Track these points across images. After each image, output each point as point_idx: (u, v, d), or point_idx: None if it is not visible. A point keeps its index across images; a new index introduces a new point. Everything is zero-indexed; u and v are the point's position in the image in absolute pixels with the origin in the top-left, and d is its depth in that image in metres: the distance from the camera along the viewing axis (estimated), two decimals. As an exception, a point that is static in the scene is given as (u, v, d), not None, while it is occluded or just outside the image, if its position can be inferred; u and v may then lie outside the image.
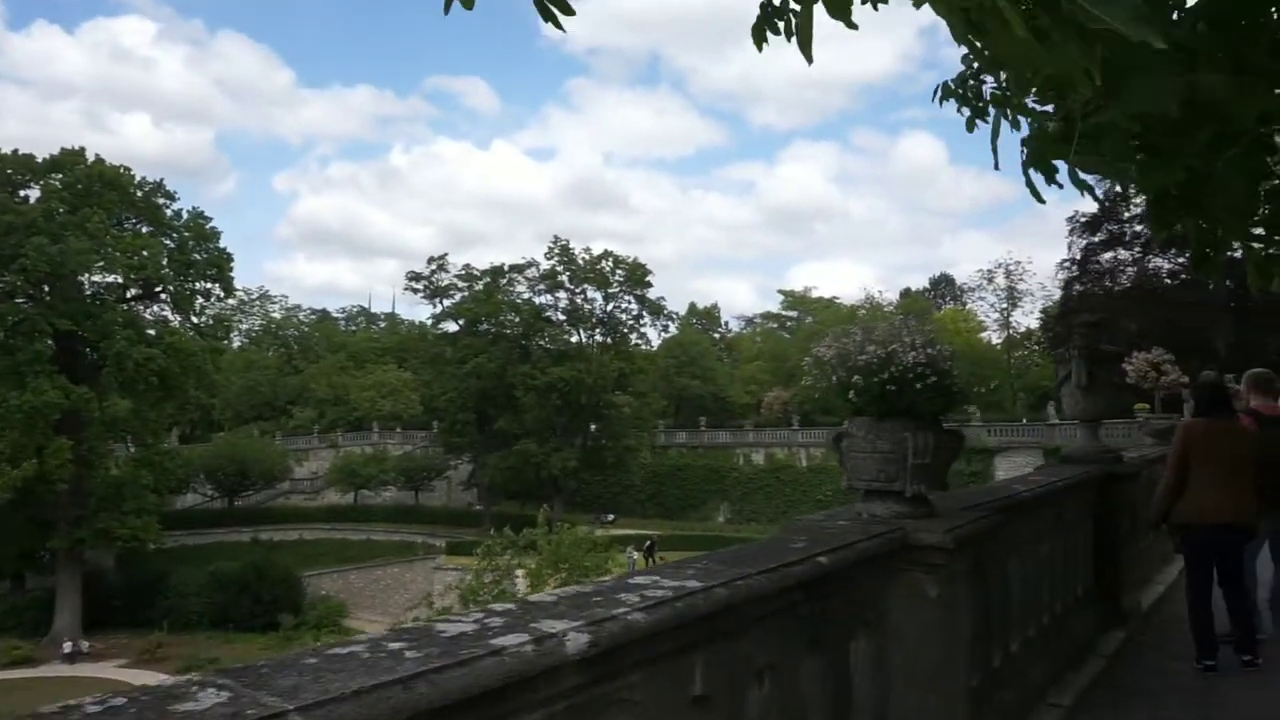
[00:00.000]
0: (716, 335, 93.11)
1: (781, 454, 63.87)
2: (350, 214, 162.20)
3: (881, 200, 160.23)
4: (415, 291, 62.94)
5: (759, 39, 2.85)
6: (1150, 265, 54.80)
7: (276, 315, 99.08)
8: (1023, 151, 2.59)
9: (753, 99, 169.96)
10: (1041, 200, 2.51)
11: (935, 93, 2.29)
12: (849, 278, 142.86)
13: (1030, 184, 2.52)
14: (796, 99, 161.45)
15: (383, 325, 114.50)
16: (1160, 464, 9.06)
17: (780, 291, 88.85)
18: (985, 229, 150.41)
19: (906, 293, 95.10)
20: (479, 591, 25.81)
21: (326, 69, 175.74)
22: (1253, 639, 6.09)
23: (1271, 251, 5.10)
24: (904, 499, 3.24)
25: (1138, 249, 54.67)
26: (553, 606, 1.93)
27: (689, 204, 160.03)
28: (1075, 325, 6.56)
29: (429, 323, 65.99)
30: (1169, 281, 53.70)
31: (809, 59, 2.21)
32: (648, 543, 45.93)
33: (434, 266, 62.71)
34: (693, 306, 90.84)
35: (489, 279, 60.73)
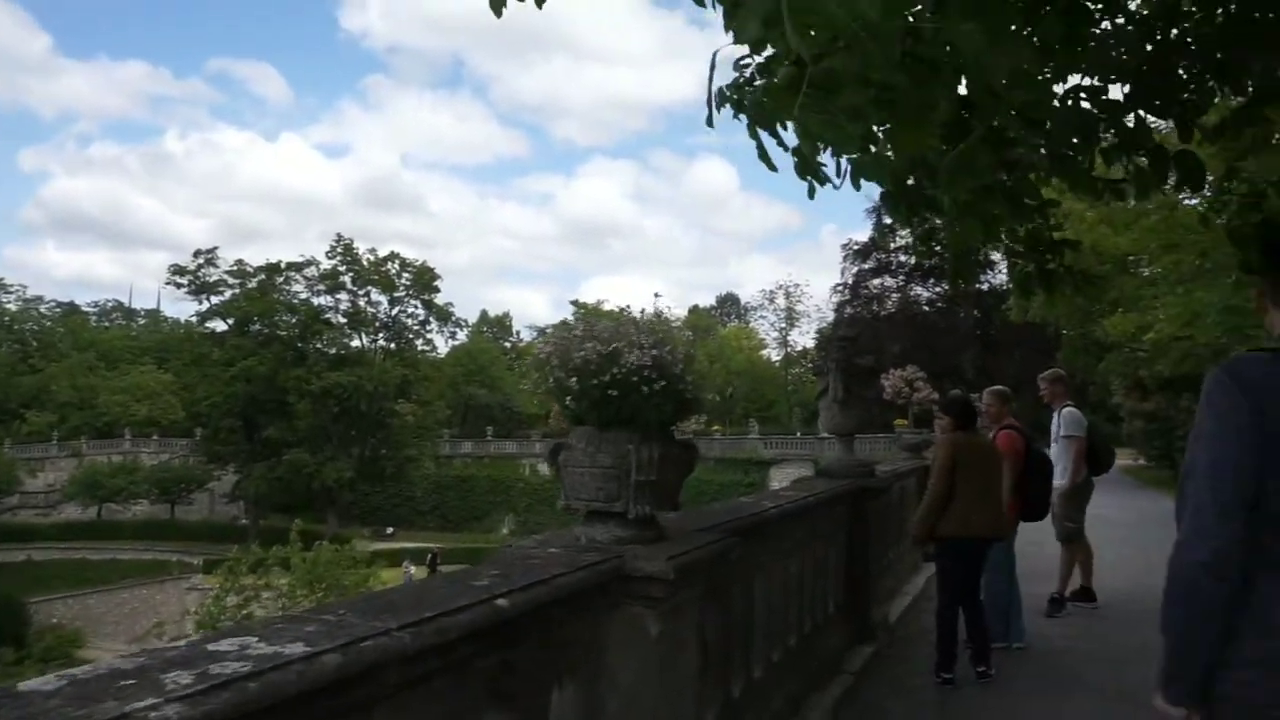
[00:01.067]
0: (508, 344, 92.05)
1: (568, 465, 63.56)
2: (113, 200, 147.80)
3: (675, 220, 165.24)
4: (179, 287, 57.84)
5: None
6: (912, 293, 59.38)
7: (11, 307, 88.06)
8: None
9: (555, 113, 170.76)
10: (773, 168, 2.24)
11: (710, 101, 1.98)
12: (642, 293, 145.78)
13: (761, 150, 2.18)
14: (598, 117, 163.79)
15: (143, 323, 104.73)
16: (910, 477, 9.34)
17: (572, 302, 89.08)
18: (770, 252, 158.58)
19: (694, 309, 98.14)
20: (219, 616, 23.36)
21: (92, 37, 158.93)
22: (988, 650, 6.20)
23: (1030, 269, 5.17)
24: (626, 521, 2.79)
25: (902, 277, 59.15)
26: (46, 698, 1.28)
27: (486, 212, 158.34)
28: (833, 340, 6.50)
29: (194, 321, 60.76)
30: (927, 309, 58.42)
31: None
32: (430, 556, 44.15)
33: (201, 260, 57.91)
34: (484, 315, 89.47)
35: (264, 276, 56.73)
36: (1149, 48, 3.45)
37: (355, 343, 58.70)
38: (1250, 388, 1.88)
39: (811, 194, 2.66)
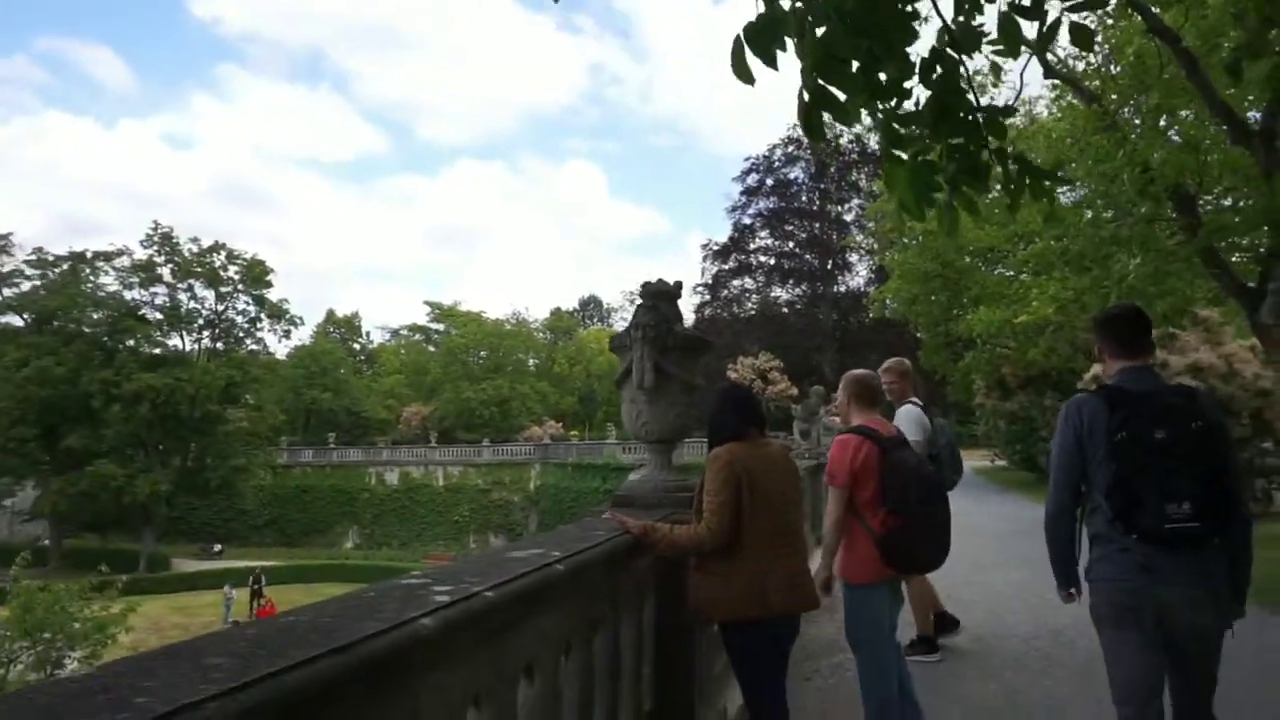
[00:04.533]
0: (357, 346, 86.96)
1: (417, 473, 59.95)
2: None
3: (543, 223, 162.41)
4: (-38, 277, 50.84)
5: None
6: (772, 294, 58.89)
7: None
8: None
9: (419, 111, 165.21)
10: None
11: None
12: (509, 296, 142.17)
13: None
14: (464, 118, 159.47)
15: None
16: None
17: (426, 303, 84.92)
18: (637, 257, 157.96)
19: (556, 311, 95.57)
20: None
21: None
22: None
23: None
24: None
25: (761, 278, 58.55)
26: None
27: (346, 211, 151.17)
28: (640, 299, 4.24)
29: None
30: (785, 310, 57.99)
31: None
32: (252, 578, 39.86)
33: (-8, 248, 51.12)
34: (330, 314, 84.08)
35: (67, 267, 50.57)
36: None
37: (175, 341, 53.13)
38: (1073, 417, 3.52)
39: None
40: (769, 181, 56.75)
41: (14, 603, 19.48)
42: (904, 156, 3.10)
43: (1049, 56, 13.94)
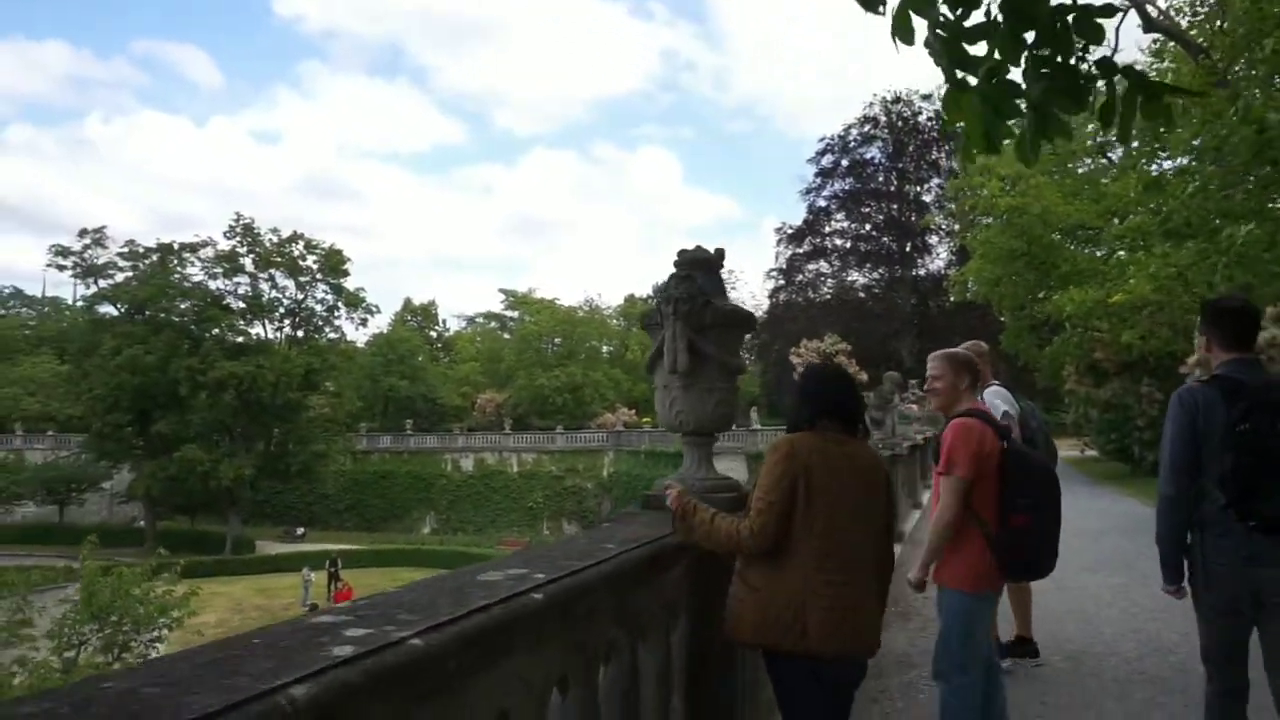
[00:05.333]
0: (434, 334, 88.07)
1: (492, 459, 60.43)
2: (31, 186, 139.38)
3: (617, 211, 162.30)
4: (62, 269, 52.91)
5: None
6: (848, 278, 57.37)
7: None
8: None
9: (495, 102, 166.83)
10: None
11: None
12: (584, 284, 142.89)
13: None
14: (538, 107, 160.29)
15: (45, 310, 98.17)
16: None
17: (501, 290, 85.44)
18: (711, 243, 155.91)
19: (629, 298, 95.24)
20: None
21: (8, 15, 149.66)
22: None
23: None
24: None
25: (837, 262, 57.07)
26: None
27: (426, 201, 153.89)
28: (674, 268, 3.67)
29: (81, 306, 56.00)
30: (862, 295, 56.43)
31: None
32: (328, 562, 40.62)
33: (88, 240, 53.07)
34: (407, 302, 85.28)
35: (156, 258, 52.20)
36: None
37: (257, 330, 54.42)
38: (1189, 405, 3.49)
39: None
40: (844, 162, 55.18)
41: (82, 585, 19.96)
42: (971, 81, 2.45)
43: (1149, 8, 12.82)
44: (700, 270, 3.64)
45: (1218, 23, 12.23)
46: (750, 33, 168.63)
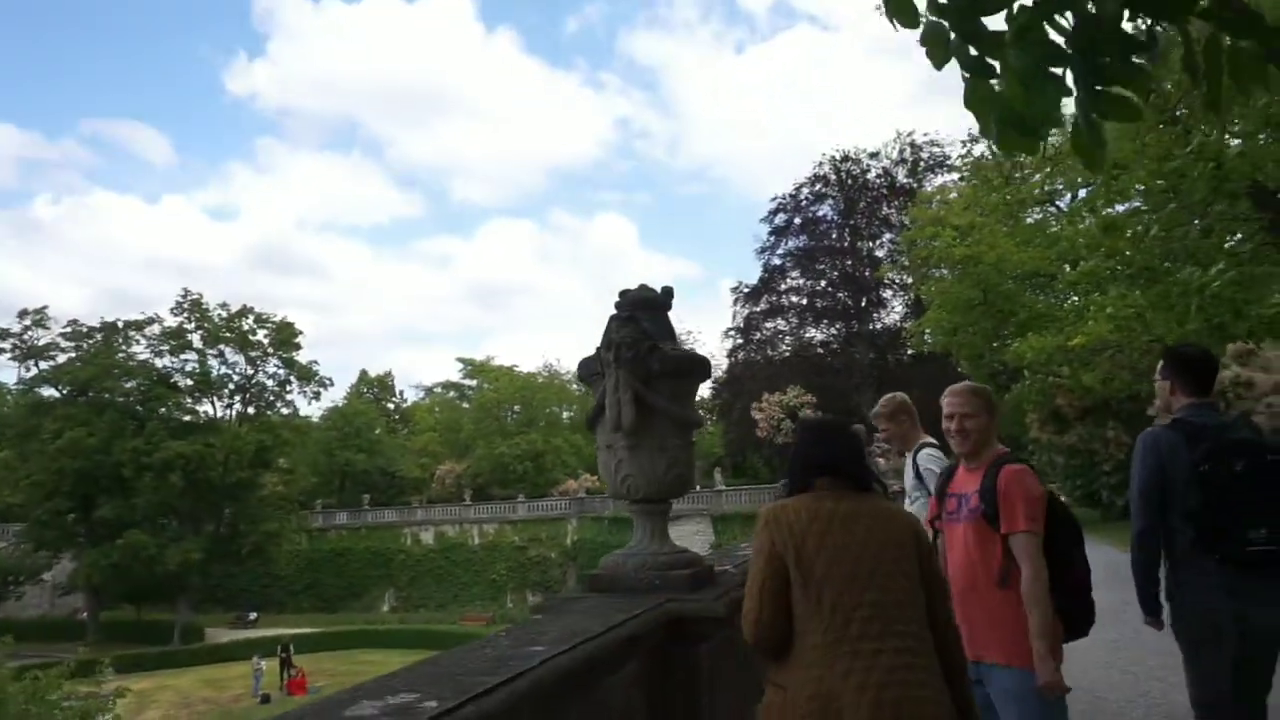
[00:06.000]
0: (391, 405, 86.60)
1: (453, 532, 58.85)
2: None
3: (576, 277, 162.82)
4: (1, 352, 51.19)
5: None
6: (806, 334, 57.50)
7: None
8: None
9: (452, 173, 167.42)
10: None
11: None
12: (543, 350, 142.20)
13: None
14: (495, 176, 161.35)
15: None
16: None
17: (459, 359, 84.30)
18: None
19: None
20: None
21: None
22: None
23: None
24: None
25: (794, 319, 57.23)
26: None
27: (385, 274, 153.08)
28: (616, 310, 3.16)
29: (15, 389, 54.11)
30: (821, 351, 56.54)
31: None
32: (279, 647, 38.81)
33: (28, 322, 51.53)
34: (363, 374, 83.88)
35: (99, 337, 50.74)
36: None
37: (206, 408, 52.89)
38: (1156, 447, 3.69)
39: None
40: (797, 220, 55.71)
41: None
42: (995, 65, 1.94)
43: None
44: (645, 311, 3.14)
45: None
46: (701, 99, 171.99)
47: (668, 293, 3.28)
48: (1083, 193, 22.75)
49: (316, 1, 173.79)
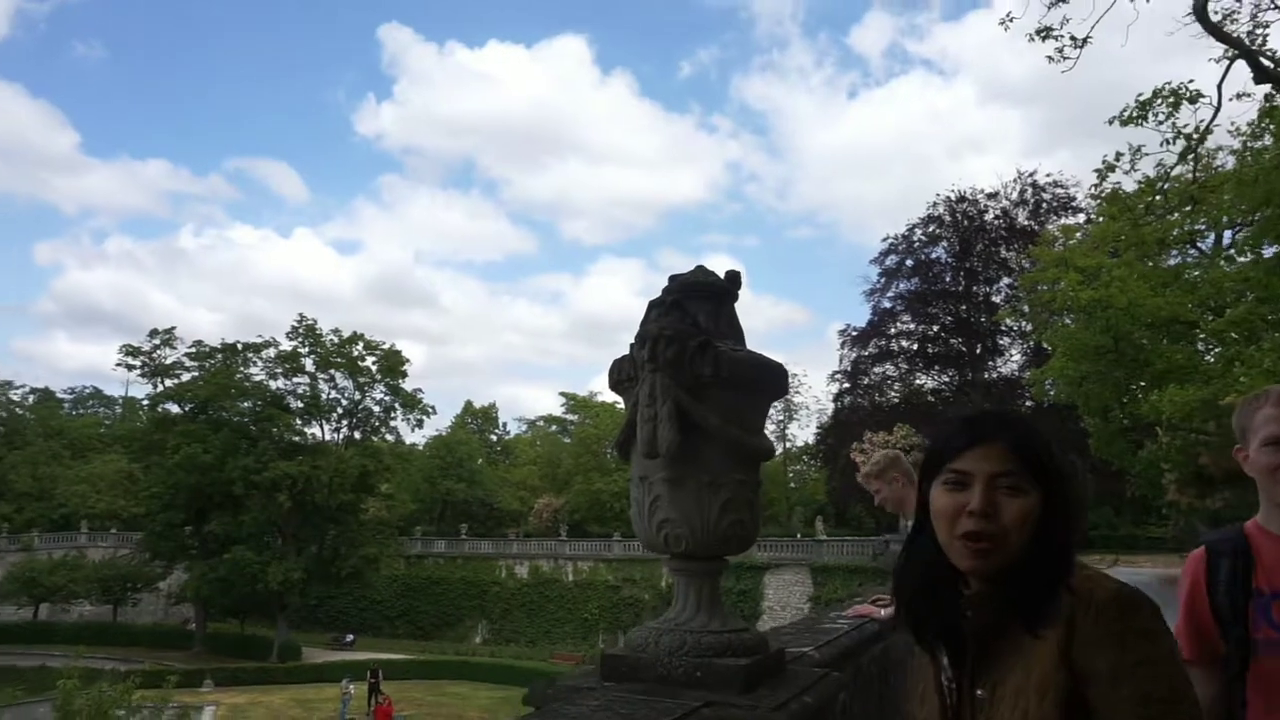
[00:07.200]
0: (493, 437, 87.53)
1: (547, 567, 58.43)
2: (127, 294, 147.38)
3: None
4: (131, 369, 53.88)
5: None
6: (916, 381, 55.27)
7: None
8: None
9: (564, 212, 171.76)
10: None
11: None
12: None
13: None
14: (606, 216, 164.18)
15: (119, 410, 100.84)
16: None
17: (562, 394, 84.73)
18: (776, 349, 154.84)
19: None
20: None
21: (116, 137, 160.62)
22: None
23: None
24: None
25: (904, 364, 55.12)
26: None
27: (497, 309, 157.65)
28: (651, 306, 2.34)
29: (145, 405, 56.85)
30: (932, 399, 54.21)
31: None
32: (368, 672, 38.90)
33: (157, 341, 54.13)
34: (468, 405, 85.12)
35: (220, 358, 52.87)
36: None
37: (314, 430, 54.29)
38: None
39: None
40: (909, 262, 53.79)
41: (57, 708, 18.62)
42: None
43: (1262, 58, 11.47)
44: (698, 300, 2.34)
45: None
46: (812, 144, 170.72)
47: (733, 278, 2.46)
48: (1227, 234, 20.80)
49: (442, 46, 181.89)
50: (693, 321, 2.27)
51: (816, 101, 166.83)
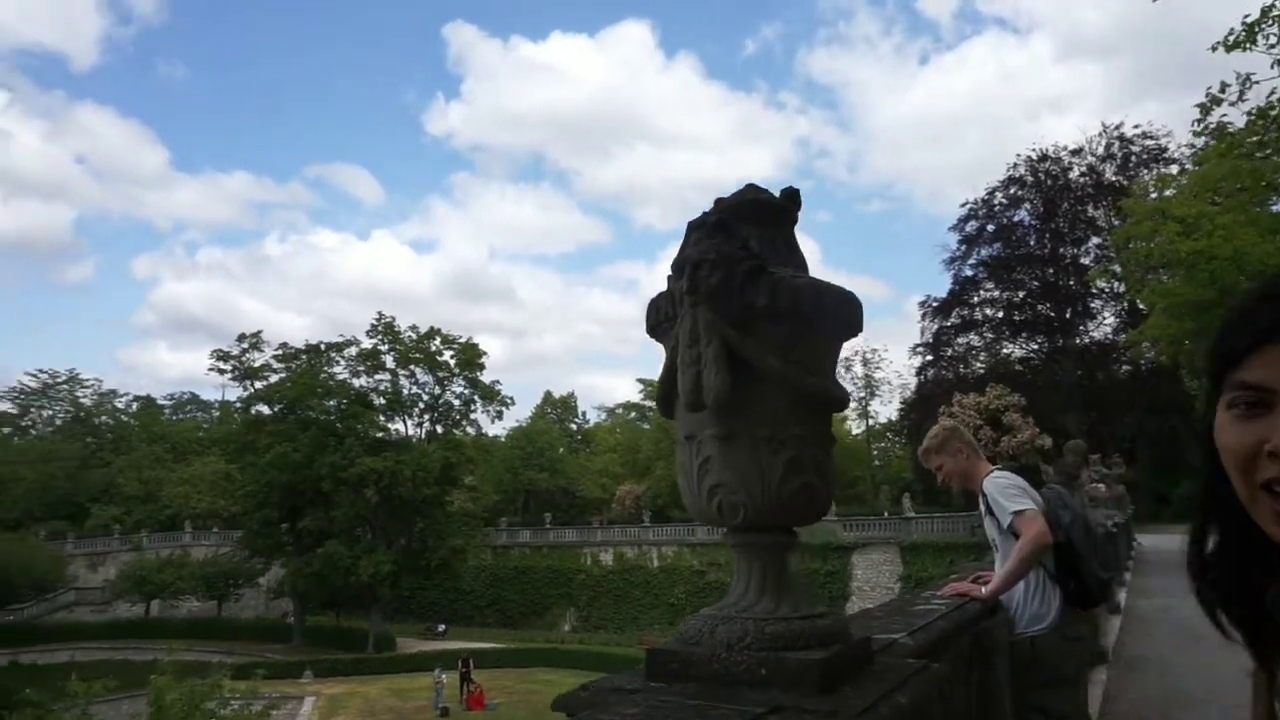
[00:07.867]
0: (573, 426, 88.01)
1: (632, 553, 58.49)
2: (219, 302, 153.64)
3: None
4: (222, 373, 55.70)
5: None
6: (1003, 350, 53.40)
7: (86, 401, 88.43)
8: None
9: (635, 200, 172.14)
10: None
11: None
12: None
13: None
14: (677, 200, 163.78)
15: (215, 414, 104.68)
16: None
17: (640, 380, 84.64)
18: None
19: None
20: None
21: (202, 152, 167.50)
22: None
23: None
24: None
25: (989, 333, 53.30)
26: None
27: (573, 299, 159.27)
28: (691, 229, 1.93)
29: (238, 407, 58.73)
30: (1020, 368, 52.28)
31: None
32: (460, 661, 39.44)
33: (245, 345, 55.77)
34: (547, 395, 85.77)
35: (304, 359, 54.21)
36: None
37: (397, 425, 55.37)
38: None
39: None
40: (990, 228, 51.87)
41: (151, 700, 19.10)
42: None
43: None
44: (749, 222, 1.94)
45: None
46: (882, 115, 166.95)
47: (792, 195, 2.04)
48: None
49: (505, 41, 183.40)
50: (742, 244, 1.86)
51: (885, 71, 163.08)
